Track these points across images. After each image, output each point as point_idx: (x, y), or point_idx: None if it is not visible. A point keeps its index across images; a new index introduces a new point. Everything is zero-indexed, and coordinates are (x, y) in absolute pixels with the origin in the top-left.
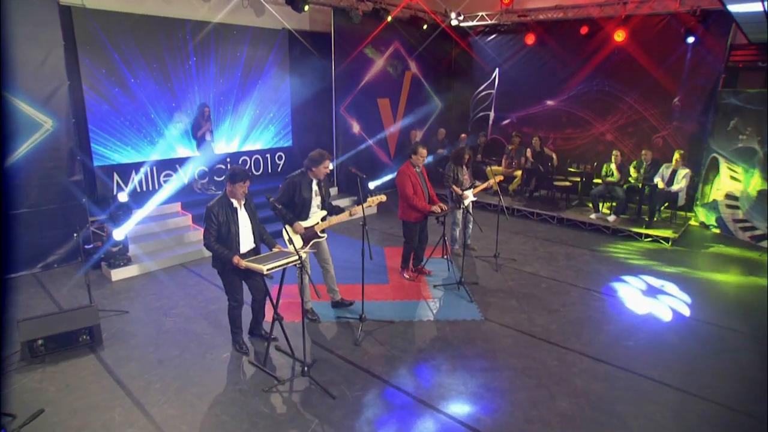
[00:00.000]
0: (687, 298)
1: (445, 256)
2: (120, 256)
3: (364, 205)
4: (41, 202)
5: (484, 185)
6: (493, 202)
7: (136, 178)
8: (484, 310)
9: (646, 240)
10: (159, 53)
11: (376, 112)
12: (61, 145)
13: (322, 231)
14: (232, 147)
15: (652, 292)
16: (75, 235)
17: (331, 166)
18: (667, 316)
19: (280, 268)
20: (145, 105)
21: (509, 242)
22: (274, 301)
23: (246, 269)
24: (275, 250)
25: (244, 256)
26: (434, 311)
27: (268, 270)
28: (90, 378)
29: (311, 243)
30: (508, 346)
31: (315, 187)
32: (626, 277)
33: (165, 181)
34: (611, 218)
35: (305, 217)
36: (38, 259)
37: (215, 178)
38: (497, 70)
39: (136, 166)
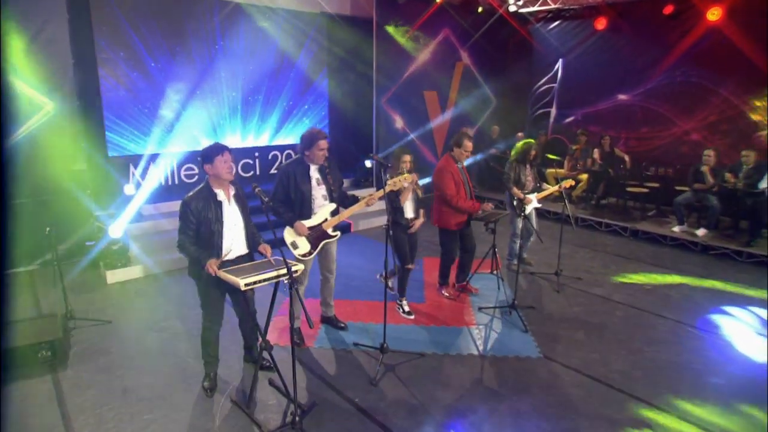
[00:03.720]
0: None
1: (495, 272)
2: (119, 255)
3: (386, 188)
4: (39, 193)
5: (552, 190)
6: (554, 209)
7: (153, 171)
8: (543, 345)
9: (747, 260)
10: (183, 36)
11: (422, 106)
12: (64, 131)
13: (334, 228)
14: (262, 140)
15: None
16: (47, 229)
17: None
18: None
19: (264, 283)
20: (167, 92)
21: (573, 257)
22: (263, 324)
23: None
24: (261, 250)
25: (233, 263)
26: (478, 342)
27: (246, 285)
28: (32, 409)
29: (321, 244)
30: (576, 398)
31: (316, 174)
32: (729, 308)
33: (186, 175)
34: (700, 232)
35: (308, 214)
36: (36, 255)
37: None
38: (560, 61)
39: (154, 158)
